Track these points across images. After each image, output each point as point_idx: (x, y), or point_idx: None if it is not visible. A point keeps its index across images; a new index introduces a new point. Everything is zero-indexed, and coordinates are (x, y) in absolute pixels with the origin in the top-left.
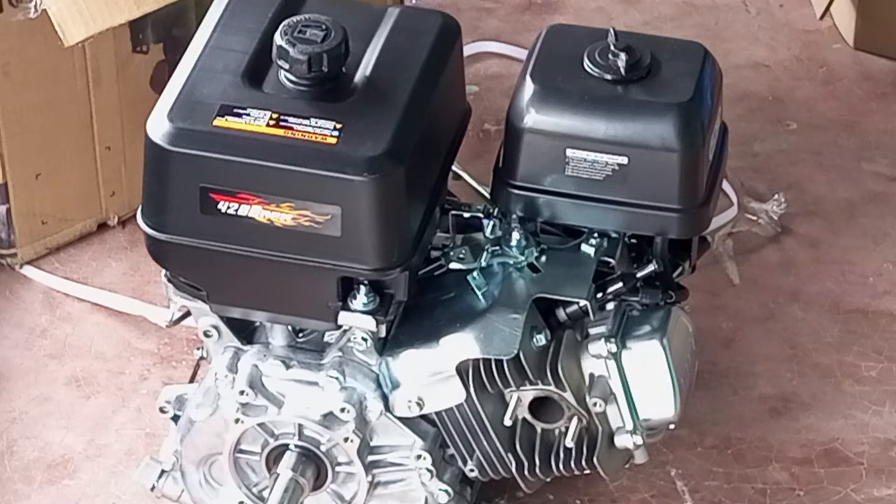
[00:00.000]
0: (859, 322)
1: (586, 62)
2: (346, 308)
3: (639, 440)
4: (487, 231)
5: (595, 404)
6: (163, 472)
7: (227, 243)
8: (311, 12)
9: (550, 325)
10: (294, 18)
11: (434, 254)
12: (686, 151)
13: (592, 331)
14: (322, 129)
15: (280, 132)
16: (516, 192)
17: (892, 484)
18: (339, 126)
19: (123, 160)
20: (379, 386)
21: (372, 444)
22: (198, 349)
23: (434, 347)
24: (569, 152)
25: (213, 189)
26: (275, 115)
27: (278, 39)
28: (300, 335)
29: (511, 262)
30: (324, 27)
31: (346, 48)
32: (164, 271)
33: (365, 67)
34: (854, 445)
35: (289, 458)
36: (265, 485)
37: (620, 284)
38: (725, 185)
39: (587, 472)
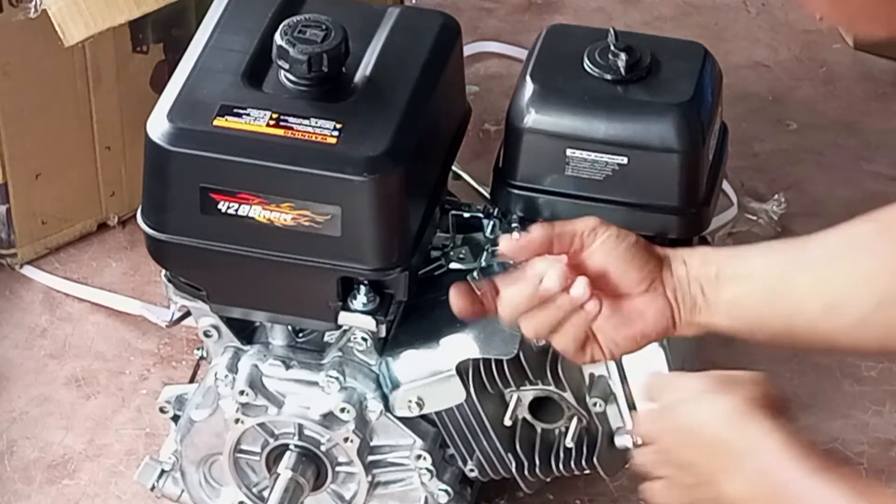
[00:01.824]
0: None
1: (586, 62)
2: (346, 308)
3: (639, 440)
4: (487, 231)
5: (595, 404)
6: (163, 472)
7: (227, 243)
8: (311, 12)
9: None
10: (294, 18)
11: (434, 254)
12: (686, 151)
13: None
14: (322, 129)
15: (280, 132)
16: (516, 192)
17: (893, 484)
18: (339, 126)
19: (123, 160)
20: (379, 386)
21: (372, 444)
22: (198, 349)
23: (434, 347)
24: (569, 152)
25: (213, 189)
26: (275, 115)
27: (278, 39)
28: (300, 335)
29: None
30: (324, 27)
31: (346, 48)
32: (164, 271)
33: (365, 67)
34: (854, 445)
35: (289, 458)
36: (265, 485)
37: None
38: (725, 185)
39: (587, 472)
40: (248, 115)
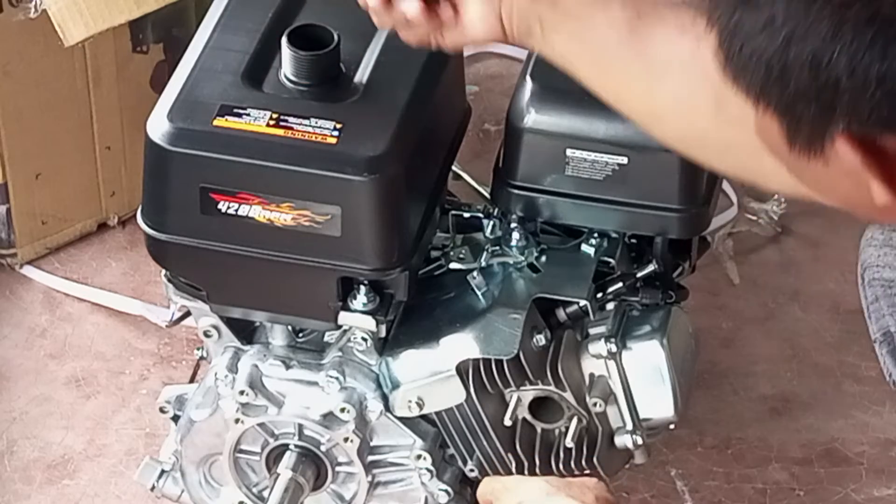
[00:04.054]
0: (859, 322)
1: None
2: (346, 308)
3: (639, 440)
4: (487, 231)
5: (595, 404)
6: (163, 472)
7: (227, 243)
8: (312, 12)
9: (550, 325)
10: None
11: (434, 254)
12: None
13: (592, 331)
14: (322, 129)
15: (280, 132)
16: (516, 192)
17: (892, 484)
18: (339, 126)
19: (123, 160)
20: (379, 386)
21: (372, 444)
22: (198, 349)
23: (434, 347)
24: (569, 152)
25: (213, 189)
26: (275, 115)
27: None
28: (300, 335)
29: (511, 262)
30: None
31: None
32: (164, 271)
33: (365, 67)
34: (854, 445)
35: (289, 458)
36: (265, 485)
37: (620, 284)
38: (725, 185)
39: (587, 472)
40: (248, 115)
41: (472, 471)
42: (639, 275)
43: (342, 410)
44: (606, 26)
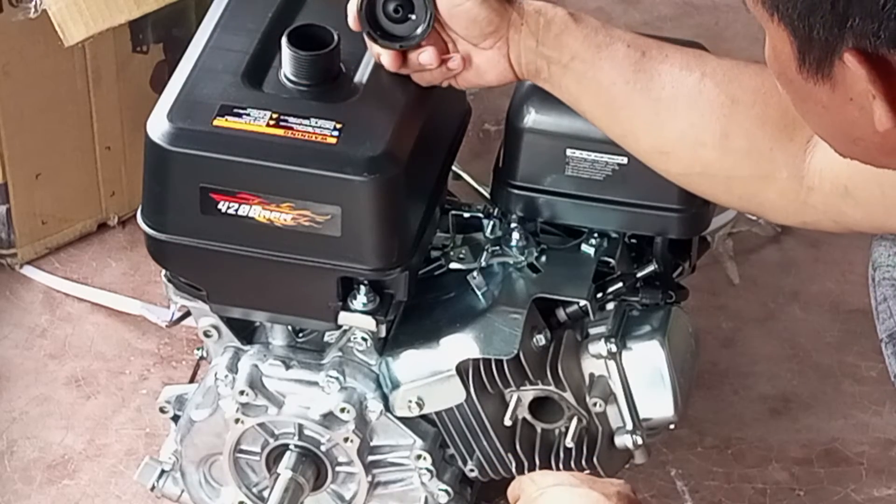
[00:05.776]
0: (859, 322)
1: None
2: (346, 308)
3: (639, 440)
4: (487, 231)
5: (595, 404)
6: (163, 472)
7: (227, 243)
8: (312, 12)
9: (550, 325)
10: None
11: (434, 254)
12: None
13: (592, 331)
14: (322, 129)
15: (280, 132)
16: (516, 192)
17: (892, 484)
18: (339, 126)
19: (123, 160)
20: (379, 386)
21: (372, 444)
22: (198, 349)
23: (434, 347)
24: (569, 152)
25: (213, 189)
26: (275, 115)
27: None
28: (300, 335)
29: (511, 262)
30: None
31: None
32: (164, 271)
33: (365, 67)
34: (854, 445)
35: (289, 458)
36: (265, 485)
37: (620, 284)
38: None
39: (587, 472)
40: (248, 115)
41: (472, 471)
42: (639, 275)
43: (342, 410)
44: (612, 66)
